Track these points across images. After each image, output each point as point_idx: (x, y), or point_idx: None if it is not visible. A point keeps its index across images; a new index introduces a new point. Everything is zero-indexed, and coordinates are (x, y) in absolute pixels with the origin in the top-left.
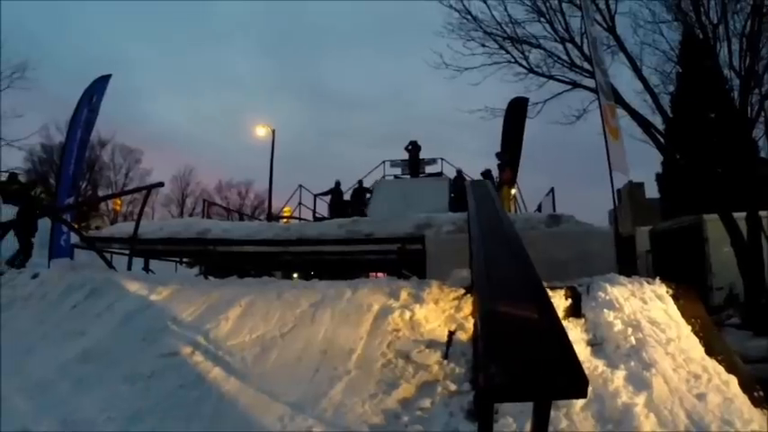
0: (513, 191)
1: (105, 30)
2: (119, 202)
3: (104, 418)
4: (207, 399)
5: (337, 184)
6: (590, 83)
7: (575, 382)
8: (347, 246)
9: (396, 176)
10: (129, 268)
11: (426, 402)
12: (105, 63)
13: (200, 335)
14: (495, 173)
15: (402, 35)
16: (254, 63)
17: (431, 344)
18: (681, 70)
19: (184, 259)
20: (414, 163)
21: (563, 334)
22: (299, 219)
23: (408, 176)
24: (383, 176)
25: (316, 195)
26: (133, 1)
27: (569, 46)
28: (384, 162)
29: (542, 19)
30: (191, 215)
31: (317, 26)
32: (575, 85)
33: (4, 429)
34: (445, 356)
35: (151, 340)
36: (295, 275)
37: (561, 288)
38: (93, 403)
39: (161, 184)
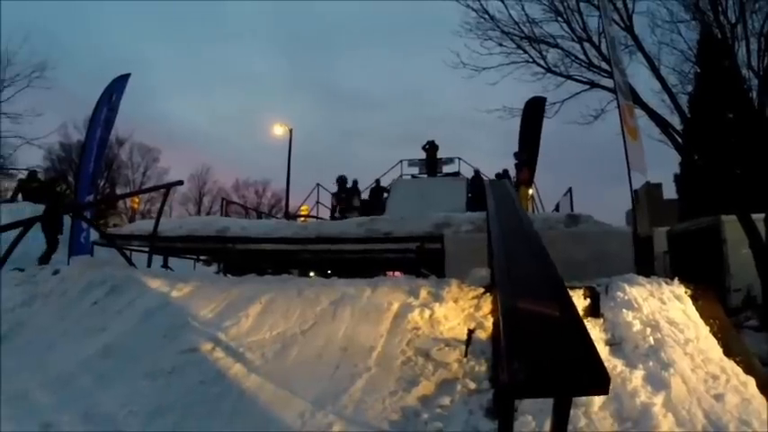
0: (531, 191)
1: (122, 30)
2: (137, 200)
3: (126, 412)
4: (227, 395)
5: (355, 183)
6: (608, 82)
7: (597, 379)
8: (366, 244)
9: (413, 176)
10: (149, 265)
11: (446, 400)
12: (123, 62)
13: (220, 331)
14: (513, 172)
15: (418, 34)
16: (269, 62)
17: (450, 342)
18: (699, 70)
19: (201, 257)
20: (431, 162)
21: (585, 331)
22: (317, 218)
23: (426, 176)
24: (400, 176)
25: (333, 194)
26: (150, 1)
27: (587, 45)
28: (401, 161)
29: (560, 18)
30: (208, 213)
31: (332, 25)
32: (592, 84)
33: (27, 423)
34: (465, 355)
35: (172, 337)
36: (312, 274)
37: (580, 288)
38: (114, 398)
39: (180, 183)
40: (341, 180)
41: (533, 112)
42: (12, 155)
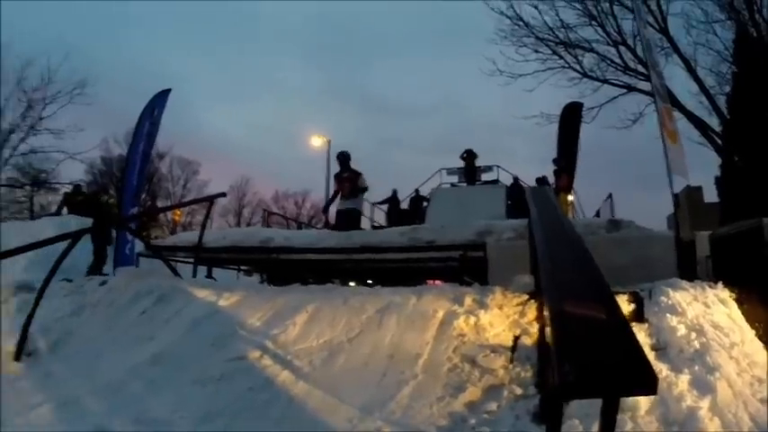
0: (571, 197)
1: (159, 46)
2: (178, 212)
3: (176, 417)
4: (276, 401)
5: (394, 192)
6: (645, 86)
7: (645, 379)
8: (408, 253)
9: (452, 184)
10: (195, 276)
11: (493, 405)
12: (160, 77)
13: (267, 340)
14: (551, 179)
15: (453, 42)
16: (304, 72)
17: (496, 348)
18: (736, 70)
19: (243, 267)
20: (470, 171)
21: (631, 333)
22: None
23: (465, 184)
24: (440, 184)
25: (373, 204)
26: (177, 2)
27: (622, 49)
28: (440, 170)
29: (594, 22)
30: (248, 225)
31: (366, 34)
32: (629, 88)
33: (80, 425)
34: (511, 361)
35: (220, 345)
36: (352, 284)
37: (624, 293)
38: (164, 404)
39: (223, 195)
40: (343, 157)
41: (571, 118)
42: (54, 169)
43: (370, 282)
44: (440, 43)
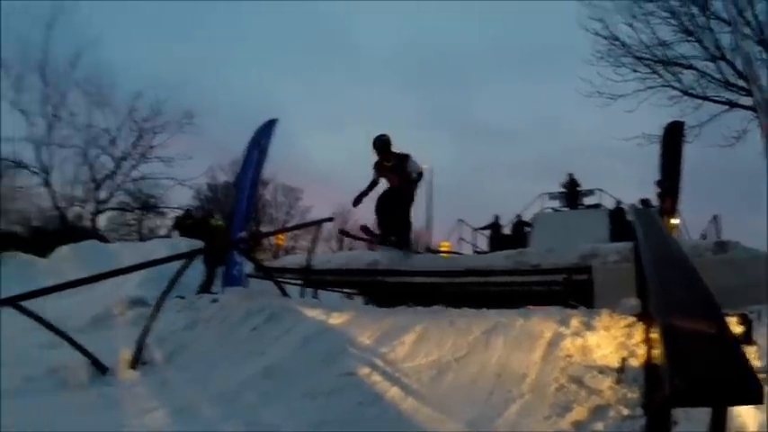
0: (676, 220)
1: (261, 77)
2: (282, 237)
3: (288, 426)
4: (385, 415)
5: (496, 218)
6: (747, 101)
7: (752, 390)
8: (511, 277)
9: (554, 209)
10: (302, 296)
11: (599, 425)
12: (262, 108)
13: (377, 357)
14: (654, 201)
15: (549, 65)
16: (401, 98)
17: (603, 369)
18: None
19: (345, 290)
20: (572, 195)
21: (738, 347)
22: (458, 253)
23: (567, 209)
24: (542, 209)
25: (475, 229)
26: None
27: (722, 64)
28: (542, 195)
29: (691, 38)
30: (350, 250)
31: (463, 59)
32: (731, 104)
33: (195, 428)
34: (617, 382)
35: (329, 361)
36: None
37: (732, 315)
38: (276, 414)
39: (331, 219)
40: (381, 143)
41: (672, 138)
42: (163, 194)
43: (470, 306)
44: (535, 66)
